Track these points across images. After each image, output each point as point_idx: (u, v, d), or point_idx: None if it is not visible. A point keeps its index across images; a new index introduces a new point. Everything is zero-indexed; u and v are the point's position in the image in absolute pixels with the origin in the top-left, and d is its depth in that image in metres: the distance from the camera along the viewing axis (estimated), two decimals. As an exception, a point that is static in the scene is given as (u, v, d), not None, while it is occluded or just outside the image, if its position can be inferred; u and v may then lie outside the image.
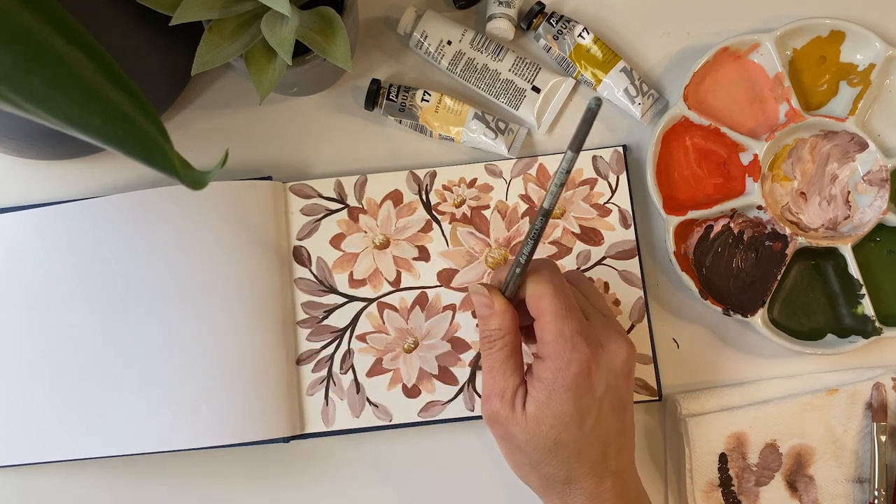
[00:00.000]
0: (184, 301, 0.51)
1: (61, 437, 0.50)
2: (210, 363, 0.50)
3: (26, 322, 0.52)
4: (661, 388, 0.51)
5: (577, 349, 0.39)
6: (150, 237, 0.52)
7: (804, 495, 0.51)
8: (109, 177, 0.55)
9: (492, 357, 0.41)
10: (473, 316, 0.52)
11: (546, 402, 0.39)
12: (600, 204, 0.54)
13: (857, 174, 0.54)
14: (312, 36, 0.46)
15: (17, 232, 0.53)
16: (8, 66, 0.27)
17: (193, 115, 0.56)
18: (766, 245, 0.52)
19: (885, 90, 0.55)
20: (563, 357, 0.39)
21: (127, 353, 0.51)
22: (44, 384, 0.51)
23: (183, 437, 0.49)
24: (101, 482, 0.52)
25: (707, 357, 0.53)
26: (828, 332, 0.52)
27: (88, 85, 0.29)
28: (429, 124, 0.55)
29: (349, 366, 0.52)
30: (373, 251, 0.54)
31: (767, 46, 0.54)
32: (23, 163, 0.55)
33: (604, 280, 0.53)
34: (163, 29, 0.44)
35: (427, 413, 0.51)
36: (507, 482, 0.52)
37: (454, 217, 0.54)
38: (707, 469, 0.50)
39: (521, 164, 0.55)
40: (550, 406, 0.39)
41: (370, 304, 0.53)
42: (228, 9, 0.45)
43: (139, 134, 0.30)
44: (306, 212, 0.54)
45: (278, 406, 0.50)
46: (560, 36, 0.55)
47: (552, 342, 0.39)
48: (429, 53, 0.55)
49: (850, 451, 0.51)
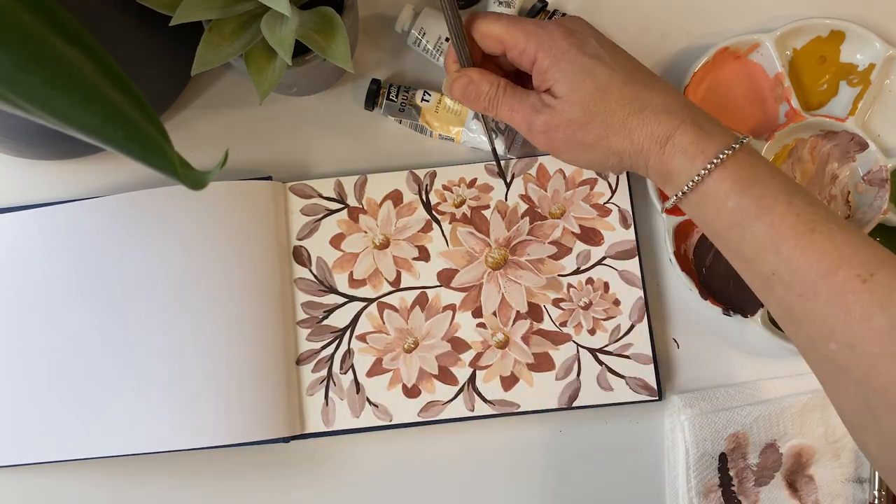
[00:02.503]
0: (184, 301, 0.51)
1: (61, 437, 0.50)
2: (210, 363, 0.50)
3: (26, 322, 0.52)
4: (661, 388, 0.51)
5: (546, 25, 0.43)
6: (151, 237, 0.52)
7: (804, 495, 0.51)
8: (109, 177, 0.55)
9: (504, 101, 0.44)
10: (474, 316, 0.52)
11: (563, 72, 0.42)
12: (600, 204, 0.54)
13: (857, 174, 0.54)
14: (312, 36, 0.46)
15: (17, 232, 0.53)
16: (8, 66, 0.27)
17: (193, 115, 0.56)
18: (766, 245, 0.52)
19: (885, 90, 0.55)
20: (543, 39, 0.43)
21: (127, 353, 0.51)
22: (44, 384, 0.51)
23: (183, 437, 0.49)
24: (101, 482, 0.52)
25: (707, 357, 0.53)
26: (828, 332, 0.52)
27: (88, 85, 0.29)
28: (429, 124, 0.55)
29: (349, 366, 0.52)
30: (373, 251, 0.54)
31: (767, 46, 0.54)
32: (23, 163, 0.55)
33: (604, 280, 0.53)
34: (163, 29, 0.44)
35: (427, 413, 0.51)
36: (508, 482, 0.52)
37: (454, 217, 0.54)
38: (707, 469, 0.50)
39: (521, 163, 0.55)
40: (567, 72, 0.42)
41: (370, 304, 0.53)
42: (228, 9, 0.45)
43: (139, 134, 0.30)
44: (306, 212, 0.54)
45: (278, 406, 0.50)
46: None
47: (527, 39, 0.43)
48: (427, 50, 0.55)
49: (850, 451, 0.51)
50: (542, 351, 0.52)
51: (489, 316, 0.52)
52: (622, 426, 0.52)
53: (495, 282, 0.53)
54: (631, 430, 0.52)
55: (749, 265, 0.41)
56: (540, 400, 0.51)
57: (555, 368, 0.52)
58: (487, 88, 0.45)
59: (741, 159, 0.40)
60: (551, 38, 0.43)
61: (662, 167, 0.42)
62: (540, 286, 0.53)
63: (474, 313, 0.53)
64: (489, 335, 0.52)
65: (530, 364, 0.52)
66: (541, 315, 0.52)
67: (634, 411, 0.52)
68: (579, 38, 0.43)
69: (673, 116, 0.41)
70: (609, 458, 0.52)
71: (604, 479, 0.52)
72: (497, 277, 0.53)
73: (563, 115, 0.42)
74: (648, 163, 0.42)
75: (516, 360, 0.52)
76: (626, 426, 0.52)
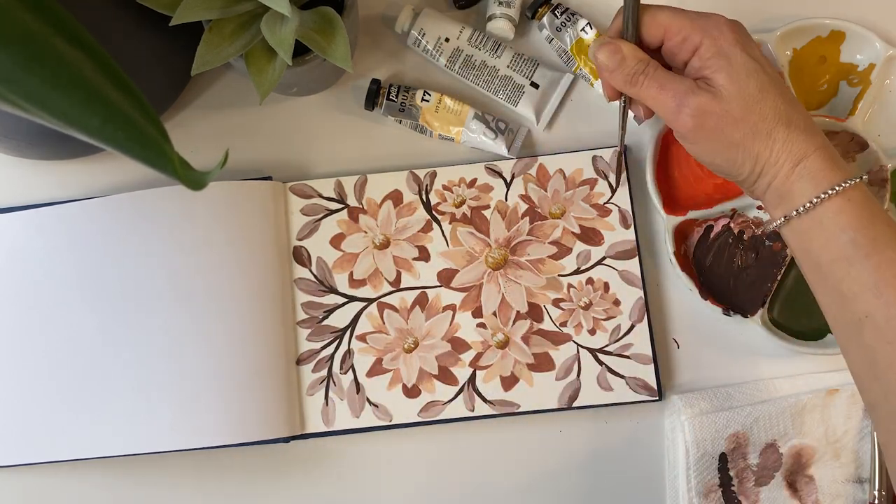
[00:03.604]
0: (184, 301, 0.51)
1: (61, 437, 0.50)
2: (210, 363, 0.50)
3: (26, 322, 0.52)
4: (661, 388, 0.51)
5: (711, 16, 0.43)
6: (151, 237, 0.52)
7: (804, 495, 0.51)
8: (109, 177, 0.55)
9: (654, 78, 0.43)
10: (474, 316, 0.52)
11: (728, 64, 0.41)
12: (600, 204, 0.54)
13: (857, 174, 0.54)
14: (312, 36, 0.46)
15: (17, 232, 0.53)
16: (8, 66, 0.27)
17: (193, 115, 0.56)
18: (766, 245, 0.52)
19: (885, 90, 0.55)
20: (709, 27, 0.42)
21: (127, 353, 0.51)
22: (44, 384, 0.51)
23: (183, 437, 0.49)
24: (101, 482, 0.52)
25: (707, 357, 0.53)
26: (828, 332, 0.52)
27: (88, 85, 0.29)
28: (429, 124, 0.55)
29: (349, 366, 0.52)
30: (373, 251, 0.54)
31: (767, 46, 0.54)
32: (23, 163, 0.55)
33: (604, 280, 0.53)
34: (163, 29, 0.44)
35: (427, 413, 0.51)
36: (508, 482, 0.52)
37: (454, 217, 0.54)
38: (707, 469, 0.50)
39: (521, 163, 0.55)
40: (733, 65, 0.41)
41: (370, 304, 0.53)
42: (228, 9, 0.45)
43: (139, 134, 0.30)
44: (306, 212, 0.54)
45: (278, 406, 0.50)
46: (563, 28, 0.55)
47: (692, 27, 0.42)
48: (427, 51, 0.55)
49: (850, 451, 0.51)
50: (542, 351, 0.52)
51: (489, 316, 0.52)
52: (622, 426, 0.52)
53: (495, 282, 0.53)
54: (631, 430, 0.52)
55: (844, 303, 0.40)
56: (540, 400, 0.51)
57: (555, 368, 0.52)
58: (635, 63, 0.43)
59: (862, 197, 0.40)
60: (718, 27, 0.42)
61: (785, 186, 0.41)
62: (540, 286, 0.53)
63: (474, 313, 0.53)
64: (489, 335, 0.52)
65: (530, 364, 0.52)
66: (541, 315, 0.52)
67: (634, 411, 0.52)
68: (744, 37, 0.43)
69: (812, 140, 0.41)
70: (609, 458, 0.52)
71: (604, 478, 0.52)
72: (497, 277, 0.53)
73: (720, 105, 0.41)
74: (775, 178, 0.42)
75: (516, 360, 0.52)
76: (626, 426, 0.52)
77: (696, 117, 0.42)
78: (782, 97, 0.42)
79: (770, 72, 0.42)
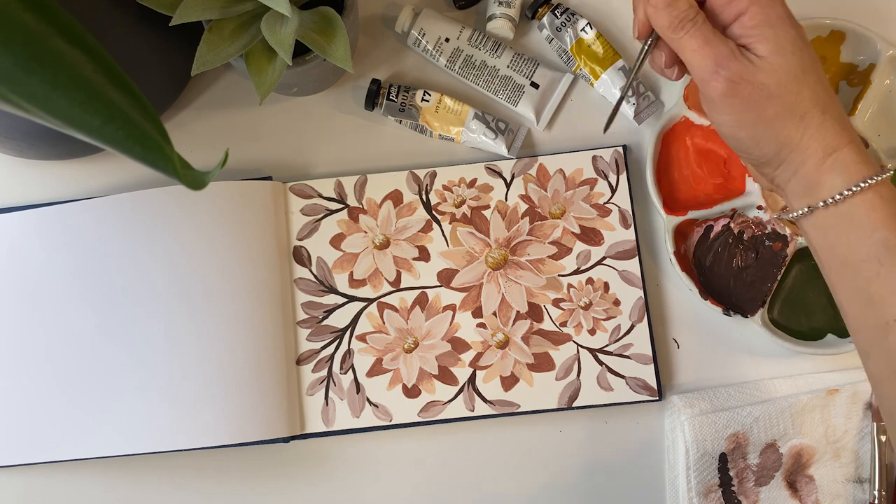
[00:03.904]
0: (184, 301, 0.51)
1: (61, 437, 0.50)
2: (210, 363, 0.50)
3: (26, 322, 0.52)
4: (661, 388, 0.51)
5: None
6: (150, 237, 0.52)
7: (804, 495, 0.51)
8: (109, 177, 0.55)
9: (700, 30, 0.40)
10: (474, 316, 0.52)
11: (774, 35, 0.39)
12: (600, 204, 0.54)
13: (857, 174, 0.54)
14: (312, 36, 0.46)
15: (17, 232, 0.53)
16: (8, 66, 0.28)
17: (193, 115, 0.56)
18: (766, 245, 0.52)
19: (885, 90, 0.55)
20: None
21: (127, 353, 0.51)
22: (44, 384, 0.51)
23: (183, 437, 0.49)
24: (101, 482, 0.52)
25: (707, 357, 0.53)
26: (828, 332, 0.52)
27: (89, 85, 0.29)
28: (429, 124, 0.55)
29: (349, 366, 0.52)
30: (373, 251, 0.54)
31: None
32: (23, 163, 0.55)
33: (604, 280, 0.53)
34: (163, 29, 0.44)
35: (427, 413, 0.51)
36: (508, 482, 0.52)
37: (454, 217, 0.54)
38: (707, 469, 0.50)
39: (521, 164, 0.55)
40: (779, 37, 0.39)
41: (370, 304, 0.53)
42: (228, 9, 0.45)
43: (139, 134, 0.30)
44: (306, 212, 0.54)
45: (278, 406, 0.50)
46: (563, 28, 0.55)
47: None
48: (427, 51, 0.55)
49: (850, 451, 0.51)
50: (542, 351, 0.52)
51: (489, 316, 0.52)
52: (622, 426, 0.52)
53: (495, 282, 0.53)
54: (631, 430, 0.52)
55: (871, 306, 0.38)
56: (540, 400, 0.51)
57: (555, 368, 0.52)
58: (686, 8, 0.40)
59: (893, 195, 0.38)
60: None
61: (814, 176, 0.39)
62: (540, 286, 0.53)
63: (474, 313, 0.53)
64: (489, 335, 0.52)
65: (530, 364, 0.52)
66: (541, 315, 0.52)
67: (634, 411, 0.52)
68: (791, 14, 0.40)
69: (845, 132, 0.39)
70: (609, 458, 0.52)
71: (604, 478, 0.52)
72: (497, 277, 0.53)
73: (759, 75, 0.39)
74: (803, 166, 0.40)
75: (516, 360, 0.52)
76: (626, 426, 0.52)
77: (731, 82, 0.39)
78: (821, 83, 0.40)
79: (814, 55, 0.40)
